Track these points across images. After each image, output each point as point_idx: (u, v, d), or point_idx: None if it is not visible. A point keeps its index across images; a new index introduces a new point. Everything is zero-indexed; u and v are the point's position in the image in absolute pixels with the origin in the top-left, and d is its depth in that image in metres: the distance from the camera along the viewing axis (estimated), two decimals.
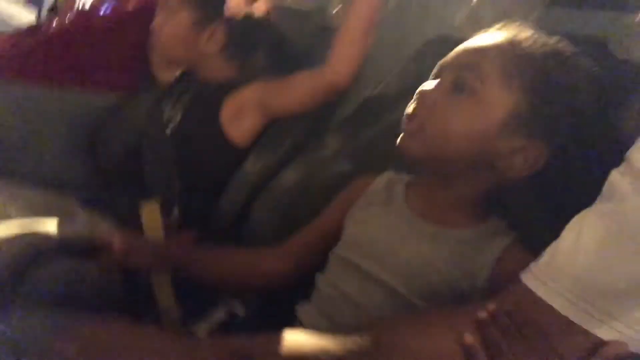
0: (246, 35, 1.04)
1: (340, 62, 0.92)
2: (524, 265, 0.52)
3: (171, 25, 1.02)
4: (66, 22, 1.24)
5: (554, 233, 0.49)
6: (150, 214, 0.87)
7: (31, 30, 1.27)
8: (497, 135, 0.59)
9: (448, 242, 0.62)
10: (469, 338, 0.47)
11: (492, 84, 0.59)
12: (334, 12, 1.20)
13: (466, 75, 0.60)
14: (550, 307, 0.45)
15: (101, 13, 1.26)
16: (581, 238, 0.45)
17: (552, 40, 0.62)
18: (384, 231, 0.66)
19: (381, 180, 0.73)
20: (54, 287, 0.75)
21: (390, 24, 1.02)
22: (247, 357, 0.48)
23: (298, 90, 0.97)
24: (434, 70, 0.66)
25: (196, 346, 0.52)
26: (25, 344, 0.58)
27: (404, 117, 0.64)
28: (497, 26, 0.66)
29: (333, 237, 0.71)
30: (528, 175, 0.60)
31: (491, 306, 0.47)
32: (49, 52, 1.17)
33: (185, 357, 0.50)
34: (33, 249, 0.66)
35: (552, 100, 0.59)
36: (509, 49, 0.61)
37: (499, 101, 0.59)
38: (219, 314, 0.82)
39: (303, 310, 0.68)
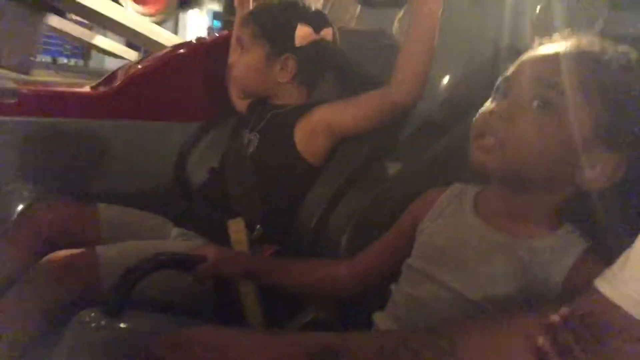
0: (315, 61, 1.09)
1: (404, 80, 0.93)
2: (598, 273, 0.52)
3: (247, 61, 1.09)
4: (151, 62, 1.38)
5: (629, 241, 0.49)
6: (236, 230, 0.94)
7: (121, 72, 1.41)
8: (578, 150, 0.59)
9: (520, 252, 0.62)
10: (542, 341, 0.47)
11: (573, 99, 0.59)
12: (394, 30, 1.24)
13: (545, 92, 0.60)
14: (621, 310, 0.45)
15: (180, 52, 1.38)
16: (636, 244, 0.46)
17: (623, 49, 0.62)
18: (456, 242, 0.67)
19: (451, 192, 0.74)
20: (158, 295, 0.84)
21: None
22: (335, 352, 0.50)
23: (364, 110, 1.00)
24: (500, 84, 0.66)
25: (286, 340, 0.55)
26: (134, 342, 0.66)
27: (475, 132, 0.64)
28: (564, 35, 0.66)
29: (404, 248, 0.73)
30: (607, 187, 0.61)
31: (564, 310, 0.47)
32: (137, 90, 1.30)
33: (276, 351, 0.52)
34: (143, 262, 0.74)
35: (630, 112, 0.60)
36: (586, 62, 0.61)
37: (579, 116, 0.59)
38: (302, 320, 0.87)
39: (379, 318, 0.70)
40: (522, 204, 0.65)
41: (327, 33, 1.10)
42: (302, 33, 1.06)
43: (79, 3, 2.44)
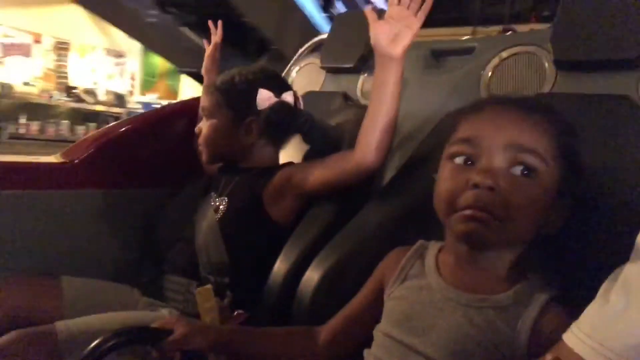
0: (278, 122, 1.12)
1: (369, 144, 0.95)
2: (563, 324, 0.52)
3: (213, 127, 1.12)
4: (117, 127, 1.38)
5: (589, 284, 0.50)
6: (205, 299, 0.91)
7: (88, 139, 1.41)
8: (552, 204, 0.63)
9: (483, 310, 0.62)
10: None
11: (549, 161, 0.62)
12: (357, 94, 1.30)
13: (527, 159, 0.62)
14: None
15: (148, 116, 1.39)
16: (610, 298, 0.47)
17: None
18: (420, 305, 0.67)
19: (414, 251, 0.74)
20: None
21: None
22: None
23: (329, 171, 1.02)
24: (458, 149, 0.65)
25: None
26: None
27: (462, 205, 0.62)
28: (518, 97, 0.70)
29: (375, 312, 0.73)
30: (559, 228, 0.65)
31: None
32: (105, 158, 1.29)
33: None
34: (104, 340, 0.71)
35: (575, 160, 0.65)
36: (552, 126, 0.64)
37: (554, 174, 0.63)
38: None
39: None
40: (486, 260, 0.65)
41: (287, 95, 1.14)
42: (263, 96, 1.11)
43: None
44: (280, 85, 1.15)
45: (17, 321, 0.91)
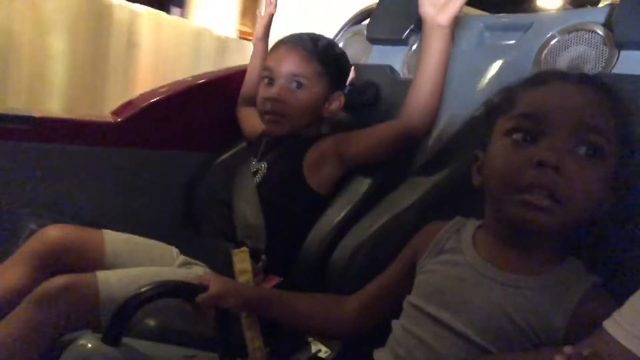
0: (356, 98, 1.14)
1: (415, 111, 0.95)
2: (605, 311, 0.52)
3: (307, 97, 1.08)
4: (165, 91, 1.40)
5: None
6: (241, 260, 0.92)
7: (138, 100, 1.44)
8: (610, 187, 0.61)
9: (522, 291, 0.61)
10: None
11: (612, 141, 0.59)
12: (404, 66, 1.27)
13: (592, 138, 0.58)
14: (630, 353, 0.44)
15: (195, 83, 1.41)
16: None
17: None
18: (455, 280, 0.66)
19: (450, 227, 0.73)
20: (157, 323, 0.83)
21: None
22: None
23: (374, 140, 1.01)
24: (524, 123, 0.61)
25: None
26: None
27: (517, 185, 0.59)
28: (583, 74, 0.66)
29: (406, 284, 0.72)
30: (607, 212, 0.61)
31: (568, 350, 0.45)
32: (151, 119, 1.32)
33: None
34: (143, 290, 0.73)
35: (631, 143, 0.63)
36: (616, 106, 0.62)
37: (615, 158, 0.60)
38: (302, 357, 0.85)
39: (380, 355, 0.69)
40: (532, 242, 0.63)
41: (352, 70, 1.15)
42: (352, 72, 1.13)
43: None
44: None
45: (60, 267, 0.95)
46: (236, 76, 1.37)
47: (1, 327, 0.80)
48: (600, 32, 0.97)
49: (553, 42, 1.03)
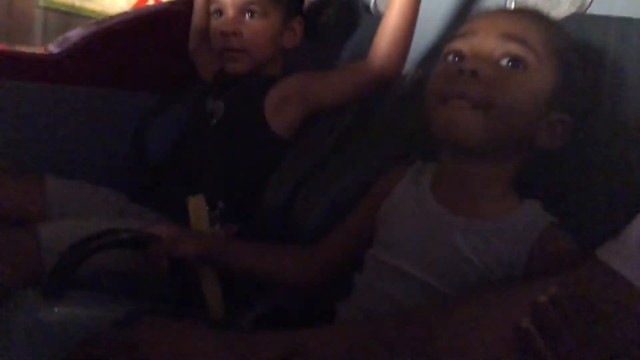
0: (316, 21, 1.09)
1: (384, 53, 0.90)
2: (564, 247, 0.54)
3: (263, 27, 1.01)
4: (110, 22, 1.28)
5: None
6: (196, 208, 0.88)
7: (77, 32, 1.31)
8: (543, 110, 0.61)
9: (480, 235, 0.61)
10: (525, 323, 0.43)
11: (542, 57, 0.61)
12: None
13: (515, 48, 0.60)
14: (625, 280, 0.42)
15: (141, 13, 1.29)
16: None
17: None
18: (415, 230, 0.65)
19: (410, 174, 0.71)
20: (107, 277, 0.78)
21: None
22: (301, 353, 0.47)
23: (340, 81, 0.97)
24: (455, 45, 0.64)
25: (248, 342, 0.51)
26: (76, 327, 0.64)
27: (441, 95, 0.61)
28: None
29: (366, 235, 0.71)
30: (558, 148, 0.63)
31: (552, 290, 0.44)
32: (94, 53, 1.21)
33: (237, 355, 0.49)
34: (87, 240, 0.68)
35: (578, 75, 0.64)
36: (546, 22, 0.65)
37: (546, 75, 0.61)
38: (261, 308, 0.83)
39: (343, 307, 0.68)
40: (479, 178, 0.64)
41: None
42: None
43: None
44: None
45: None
46: (188, 7, 1.24)
47: None
48: None
49: None
